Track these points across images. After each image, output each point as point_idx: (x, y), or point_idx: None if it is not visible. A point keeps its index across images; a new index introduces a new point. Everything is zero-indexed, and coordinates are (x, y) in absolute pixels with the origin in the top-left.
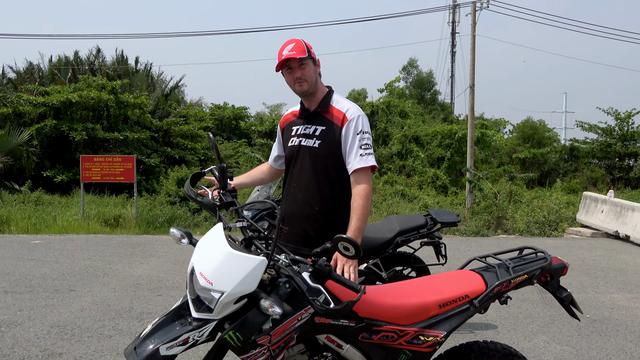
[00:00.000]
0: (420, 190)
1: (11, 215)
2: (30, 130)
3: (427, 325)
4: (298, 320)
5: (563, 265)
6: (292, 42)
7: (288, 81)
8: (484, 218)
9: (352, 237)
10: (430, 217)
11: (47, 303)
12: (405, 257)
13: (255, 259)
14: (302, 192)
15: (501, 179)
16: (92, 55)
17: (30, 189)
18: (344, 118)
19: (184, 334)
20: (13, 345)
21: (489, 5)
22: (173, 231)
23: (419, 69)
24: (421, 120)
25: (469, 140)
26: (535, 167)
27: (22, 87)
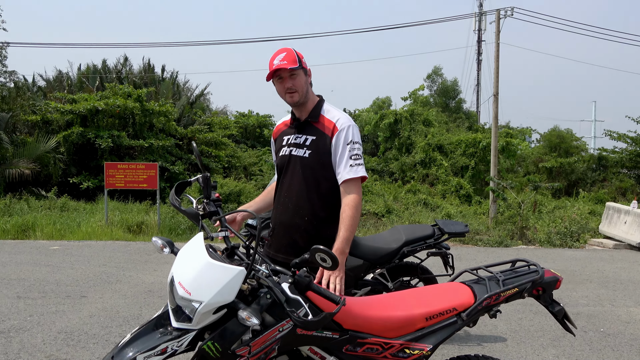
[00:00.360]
0: (443, 199)
1: (37, 221)
2: (58, 138)
3: (413, 338)
4: (279, 331)
5: (556, 279)
6: (284, 52)
7: (279, 91)
8: (507, 228)
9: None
10: (438, 227)
11: (57, 309)
12: (412, 267)
13: (233, 269)
14: (292, 202)
15: (526, 189)
16: (119, 64)
17: (56, 195)
18: (334, 128)
19: (163, 343)
20: (19, 350)
21: (513, 13)
22: (155, 240)
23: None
24: (445, 128)
25: (493, 149)
26: (562, 176)
27: (51, 94)
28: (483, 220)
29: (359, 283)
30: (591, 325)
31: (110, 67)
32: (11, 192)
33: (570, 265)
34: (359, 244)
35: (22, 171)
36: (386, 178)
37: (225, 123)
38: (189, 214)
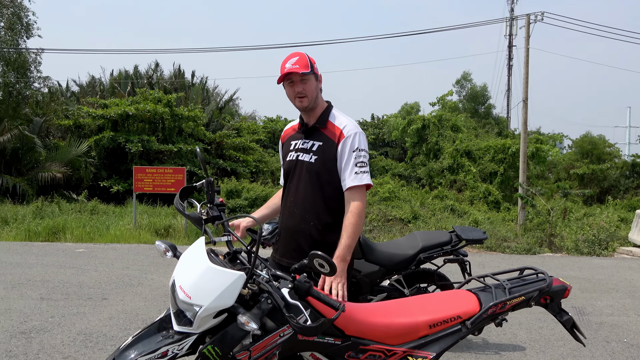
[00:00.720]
0: (471, 205)
1: (67, 224)
2: (89, 142)
3: (416, 346)
4: (280, 336)
5: (564, 288)
6: (296, 56)
7: (289, 94)
8: (536, 235)
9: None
10: (455, 233)
11: (78, 310)
12: (428, 274)
13: (233, 274)
14: (297, 207)
15: (555, 195)
16: (150, 69)
17: (86, 198)
18: (340, 134)
19: (164, 346)
20: (38, 351)
21: (544, 18)
22: (158, 244)
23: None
24: (474, 134)
25: (522, 155)
26: (593, 183)
27: (83, 100)
28: (511, 227)
29: (375, 289)
30: (614, 336)
31: (141, 73)
32: (43, 195)
33: (596, 274)
34: (375, 250)
35: (54, 175)
36: (413, 184)
37: (253, 128)
38: (192, 218)
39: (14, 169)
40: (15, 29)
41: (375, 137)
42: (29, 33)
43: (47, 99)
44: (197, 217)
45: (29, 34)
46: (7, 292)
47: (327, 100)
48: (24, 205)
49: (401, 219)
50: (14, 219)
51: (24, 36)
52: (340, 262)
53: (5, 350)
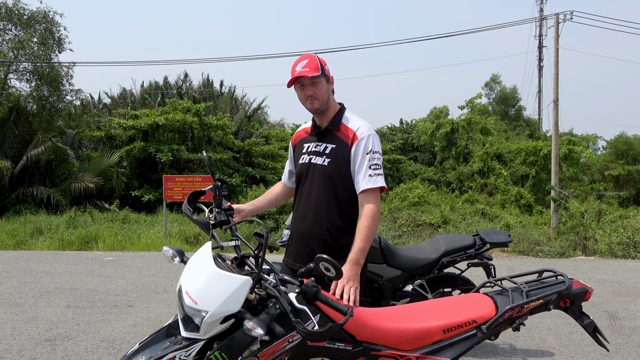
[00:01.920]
0: (502, 209)
1: (99, 233)
2: (120, 152)
3: (429, 351)
4: (289, 342)
5: (585, 290)
6: (306, 59)
7: (300, 97)
8: (570, 239)
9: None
10: (479, 237)
11: (103, 318)
12: (452, 278)
13: (239, 279)
14: (310, 211)
15: (589, 198)
16: (180, 80)
17: (118, 207)
18: (354, 137)
19: (171, 352)
20: (62, 358)
21: (573, 17)
22: (165, 249)
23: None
24: (504, 137)
25: (553, 157)
26: (630, 184)
27: (115, 111)
28: (544, 231)
29: (397, 294)
30: None
31: (171, 84)
32: (76, 205)
33: (631, 277)
34: (396, 254)
35: (87, 185)
36: (443, 188)
37: (281, 135)
38: (200, 223)
39: (48, 180)
40: (48, 44)
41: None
42: (60, 47)
43: (80, 111)
44: (205, 221)
45: (60, 49)
46: (35, 300)
47: (340, 102)
48: (57, 215)
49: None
50: (48, 228)
51: (56, 50)
52: (353, 265)
53: (29, 358)
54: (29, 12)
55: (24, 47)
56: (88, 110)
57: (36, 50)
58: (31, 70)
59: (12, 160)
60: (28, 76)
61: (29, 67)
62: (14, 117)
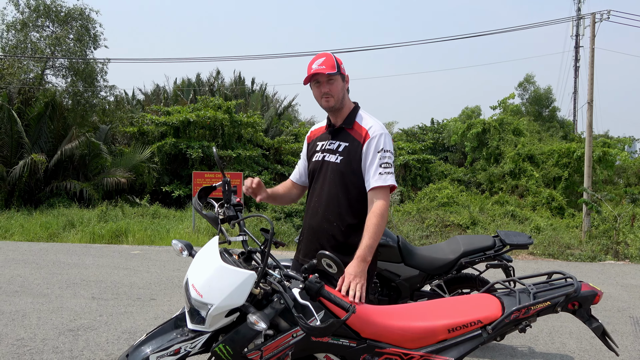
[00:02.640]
0: (533, 211)
1: (129, 227)
2: (152, 148)
3: (434, 350)
4: (293, 337)
5: (594, 293)
6: (323, 57)
7: (315, 95)
8: (602, 243)
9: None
10: (499, 238)
11: (126, 310)
12: (470, 279)
13: (243, 273)
14: (321, 207)
15: (623, 201)
16: (212, 77)
17: (149, 202)
18: (366, 135)
19: (177, 344)
20: (83, 348)
21: (610, 16)
22: (174, 243)
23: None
24: (537, 138)
25: (587, 159)
26: None
27: (148, 107)
28: (576, 234)
29: (415, 294)
30: None
31: (203, 81)
32: (108, 199)
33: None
34: (415, 254)
35: (119, 180)
36: (473, 189)
37: None
38: (209, 218)
39: (81, 174)
40: (84, 41)
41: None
42: (96, 44)
43: (113, 107)
44: (214, 216)
45: (96, 45)
46: (62, 291)
47: (354, 101)
48: (89, 209)
49: (459, 225)
50: (80, 222)
51: (91, 47)
52: (360, 262)
53: (52, 347)
54: (66, 9)
55: (60, 43)
56: (122, 106)
57: (72, 46)
58: (67, 66)
59: (47, 154)
60: (64, 72)
61: (65, 63)
62: (49, 112)
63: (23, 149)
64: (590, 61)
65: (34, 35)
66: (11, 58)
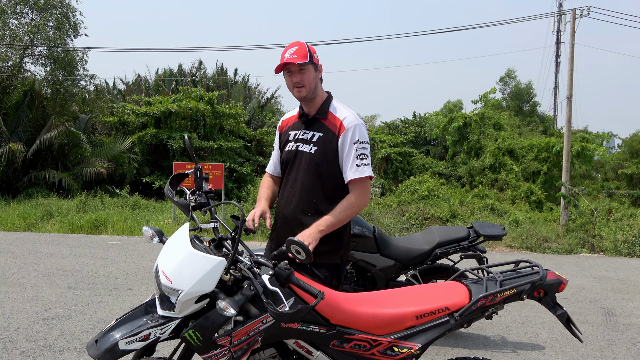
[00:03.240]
0: (512, 204)
1: (109, 218)
2: (133, 138)
3: (402, 337)
4: (262, 323)
5: (559, 281)
6: (295, 46)
7: (288, 84)
8: (579, 236)
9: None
10: (473, 229)
11: (102, 300)
12: (445, 269)
13: (213, 259)
14: (295, 197)
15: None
16: (194, 68)
17: (129, 193)
18: (340, 126)
19: (146, 330)
20: (58, 337)
21: (590, 12)
22: (145, 229)
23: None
24: (517, 132)
25: (565, 154)
26: None
27: (129, 97)
28: (553, 228)
29: (390, 284)
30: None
31: (185, 71)
32: (87, 189)
33: (632, 275)
34: (390, 244)
35: (99, 170)
36: (453, 182)
37: None
38: (180, 205)
39: (60, 164)
40: (63, 29)
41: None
42: (76, 32)
43: (93, 97)
44: (185, 203)
45: (76, 34)
46: (37, 281)
47: (327, 91)
48: (68, 199)
49: (439, 218)
50: (58, 212)
51: (71, 35)
52: (314, 229)
53: (26, 336)
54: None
55: (39, 31)
56: (102, 96)
57: (52, 34)
58: (46, 55)
59: (25, 143)
60: (43, 60)
61: (44, 52)
62: (28, 101)
63: (1, 138)
64: (570, 57)
65: (12, 23)
66: None
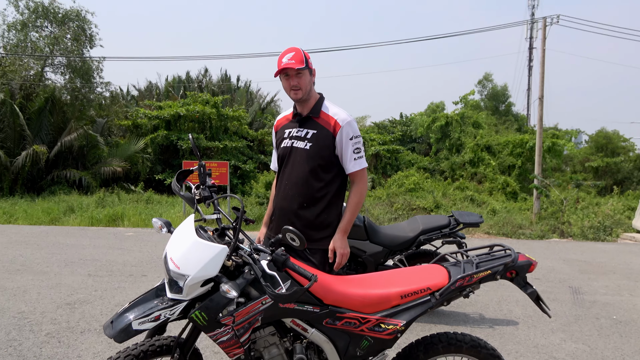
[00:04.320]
0: (490, 195)
1: (125, 212)
2: (146, 140)
3: (388, 314)
4: (262, 304)
5: (529, 263)
6: (292, 51)
7: (285, 87)
8: (550, 223)
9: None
10: (454, 217)
11: (119, 285)
12: (429, 254)
13: (216, 247)
14: (292, 190)
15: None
16: (200, 75)
17: (142, 189)
18: (335, 124)
19: (157, 311)
20: (79, 319)
21: (559, 20)
22: (155, 220)
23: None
24: (494, 130)
25: (537, 149)
26: (608, 175)
27: (141, 102)
28: (527, 216)
29: (379, 268)
30: (604, 313)
31: (192, 78)
32: (105, 187)
33: (598, 257)
34: (378, 232)
35: (115, 169)
36: (437, 176)
37: None
38: (186, 198)
39: (79, 164)
40: (80, 40)
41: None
42: (92, 43)
43: (109, 102)
44: (190, 197)
45: (92, 44)
46: (60, 269)
47: (319, 92)
48: (88, 195)
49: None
50: (79, 207)
51: (87, 46)
52: (343, 235)
53: (50, 319)
54: (63, 10)
55: (58, 43)
56: (117, 101)
57: (70, 45)
58: (65, 64)
59: (48, 145)
60: (62, 69)
61: (63, 61)
62: (49, 107)
63: (25, 140)
64: (541, 61)
65: (34, 35)
66: (12, 56)
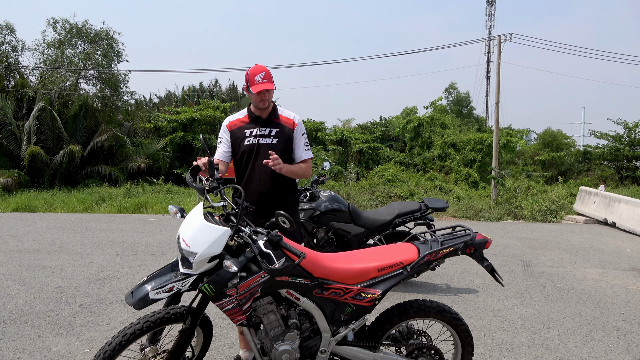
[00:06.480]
0: (455, 185)
1: (148, 201)
2: (165, 140)
3: (367, 285)
4: (261, 277)
5: (485, 241)
6: (262, 71)
7: (254, 98)
8: (505, 208)
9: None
10: (424, 203)
11: (142, 263)
12: (403, 234)
13: (220, 229)
14: (268, 177)
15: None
16: (211, 85)
17: (163, 182)
18: (293, 123)
19: (170, 283)
20: (108, 293)
21: (512, 38)
22: (170, 207)
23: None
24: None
25: (494, 146)
26: (553, 167)
27: (162, 108)
28: (486, 202)
29: (361, 246)
30: (550, 282)
31: (205, 87)
32: (131, 180)
33: (544, 236)
34: (361, 216)
35: (140, 165)
36: (411, 169)
37: None
38: (197, 188)
39: (109, 161)
40: (109, 56)
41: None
42: (119, 59)
43: (134, 108)
44: (201, 187)
45: (119, 59)
46: (92, 250)
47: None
48: (117, 187)
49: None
50: (109, 197)
51: (115, 61)
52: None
53: (83, 292)
54: (94, 31)
55: (90, 58)
56: (141, 108)
57: (100, 60)
58: (96, 76)
59: (82, 145)
60: (94, 81)
61: (94, 74)
62: (83, 113)
63: (63, 141)
64: (497, 72)
65: (69, 52)
66: (51, 70)
